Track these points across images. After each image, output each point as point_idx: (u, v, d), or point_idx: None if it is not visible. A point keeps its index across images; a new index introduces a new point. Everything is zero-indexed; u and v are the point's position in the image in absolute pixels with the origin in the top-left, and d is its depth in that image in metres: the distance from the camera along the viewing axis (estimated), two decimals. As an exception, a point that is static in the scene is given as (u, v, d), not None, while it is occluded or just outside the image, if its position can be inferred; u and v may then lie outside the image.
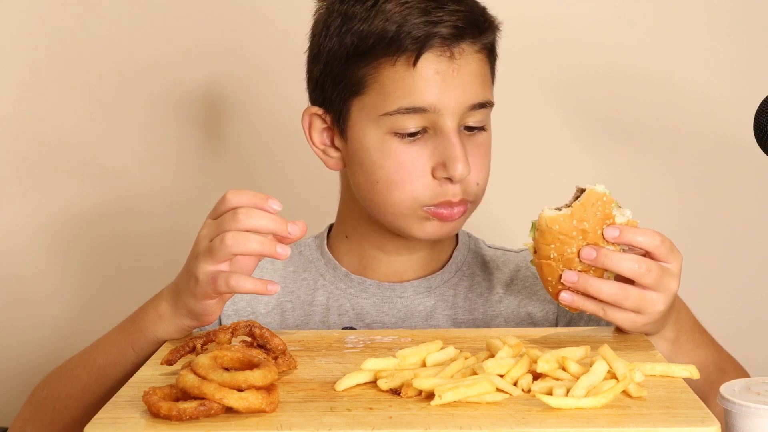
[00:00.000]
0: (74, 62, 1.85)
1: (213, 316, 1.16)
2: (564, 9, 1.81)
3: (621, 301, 1.11)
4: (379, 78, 1.25)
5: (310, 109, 1.33)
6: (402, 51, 1.23)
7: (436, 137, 1.25)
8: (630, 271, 1.10)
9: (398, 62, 1.24)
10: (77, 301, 1.88)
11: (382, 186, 1.27)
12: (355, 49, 1.26)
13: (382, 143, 1.26)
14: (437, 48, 1.24)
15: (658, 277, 1.11)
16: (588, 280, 1.12)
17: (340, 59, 1.27)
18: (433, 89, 1.24)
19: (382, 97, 1.25)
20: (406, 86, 1.24)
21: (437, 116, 1.24)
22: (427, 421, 0.90)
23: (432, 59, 1.24)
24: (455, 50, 1.25)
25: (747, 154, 1.55)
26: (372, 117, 1.26)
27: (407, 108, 1.24)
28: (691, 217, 1.84)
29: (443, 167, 1.24)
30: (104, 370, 1.22)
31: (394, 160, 1.25)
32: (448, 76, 1.24)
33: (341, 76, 1.28)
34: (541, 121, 1.83)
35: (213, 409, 0.91)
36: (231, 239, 1.08)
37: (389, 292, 1.36)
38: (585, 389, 0.94)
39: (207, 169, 1.86)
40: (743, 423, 0.96)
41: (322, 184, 1.80)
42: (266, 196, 1.11)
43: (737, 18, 1.81)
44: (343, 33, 1.27)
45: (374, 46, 1.24)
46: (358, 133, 1.28)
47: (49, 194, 1.87)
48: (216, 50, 1.84)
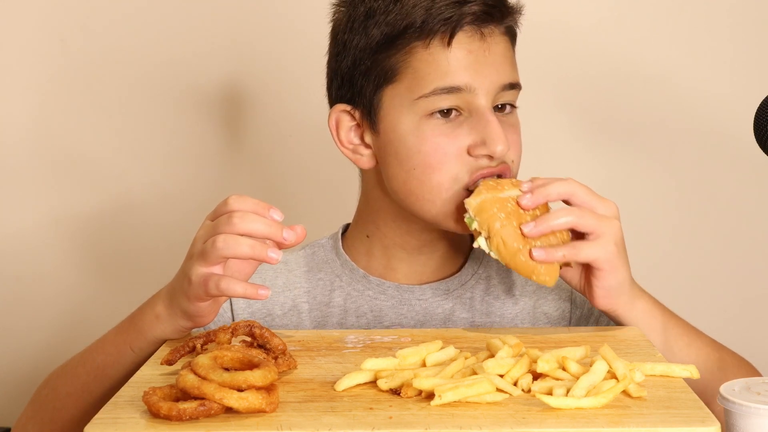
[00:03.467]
0: (84, 63, 1.85)
1: (207, 318, 1.16)
2: (564, 9, 1.81)
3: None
4: (413, 63, 1.26)
5: (338, 107, 1.32)
6: (434, 33, 1.25)
7: (471, 117, 1.26)
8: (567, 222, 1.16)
9: (431, 44, 1.25)
10: (79, 302, 1.88)
11: (419, 172, 1.26)
12: (385, 38, 1.26)
13: (418, 128, 1.26)
14: (468, 28, 1.25)
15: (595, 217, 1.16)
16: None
17: (369, 51, 1.28)
18: (468, 69, 1.25)
19: (417, 81, 1.25)
20: (440, 67, 1.25)
21: (472, 96, 1.25)
22: (427, 421, 0.90)
23: (464, 39, 1.25)
24: (485, 30, 1.26)
25: (747, 154, 1.55)
26: (406, 103, 1.26)
27: (443, 88, 1.25)
28: (691, 217, 1.84)
29: (482, 145, 1.25)
30: (103, 369, 1.22)
31: (431, 143, 1.25)
32: (481, 55, 1.26)
33: (371, 68, 1.28)
34: (541, 121, 1.83)
35: (213, 409, 0.91)
36: (222, 242, 1.08)
37: (408, 294, 1.35)
38: (585, 389, 0.94)
39: (210, 170, 1.86)
40: (743, 423, 0.96)
41: (336, 185, 1.80)
42: (268, 205, 1.11)
43: (737, 18, 1.81)
44: (369, 26, 1.27)
45: (404, 32, 1.25)
46: (391, 122, 1.28)
47: (50, 195, 1.87)
48: (229, 51, 1.84)
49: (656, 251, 1.85)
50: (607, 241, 1.16)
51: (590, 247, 1.16)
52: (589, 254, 1.16)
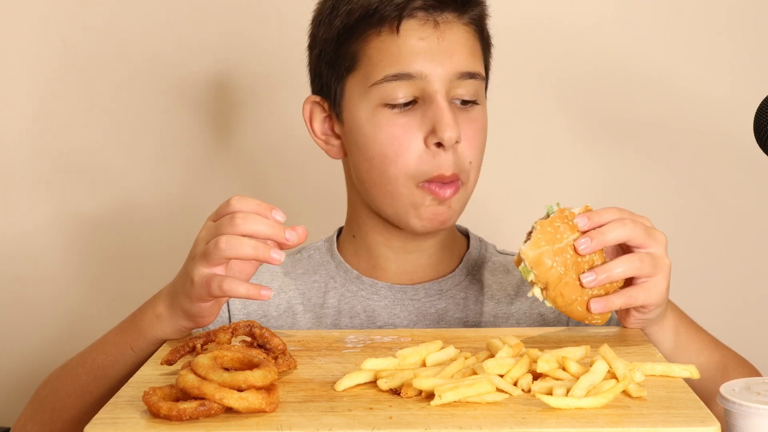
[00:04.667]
0: (84, 63, 1.84)
1: (209, 318, 1.17)
2: (564, 9, 1.81)
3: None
4: (367, 51, 1.28)
5: (309, 98, 1.36)
6: (385, 20, 1.26)
7: (425, 105, 1.26)
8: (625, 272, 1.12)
9: (383, 32, 1.26)
10: (79, 302, 1.88)
11: (378, 162, 1.27)
12: (343, 28, 1.29)
13: (374, 116, 1.27)
14: (421, 16, 1.26)
15: (651, 260, 1.13)
16: (602, 267, 1.13)
17: (332, 41, 1.30)
18: (419, 55, 1.26)
19: (371, 68, 1.27)
20: (392, 54, 1.26)
21: (425, 83, 1.26)
22: (427, 421, 0.90)
23: (415, 26, 1.26)
24: (439, 18, 1.27)
25: (747, 154, 1.55)
26: (363, 91, 1.28)
27: (394, 75, 1.26)
28: (691, 217, 1.84)
29: (433, 133, 1.25)
30: (103, 370, 1.22)
31: (386, 132, 1.26)
32: (433, 43, 1.26)
33: (334, 58, 1.31)
34: (541, 120, 1.83)
35: (213, 409, 0.91)
36: (225, 243, 1.09)
37: (401, 294, 1.35)
38: (585, 389, 0.94)
39: (210, 170, 1.86)
40: (743, 423, 0.96)
41: (333, 185, 1.80)
42: (270, 206, 1.11)
43: (737, 18, 1.81)
44: (333, 18, 1.30)
45: (360, 21, 1.27)
46: (351, 111, 1.30)
47: (50, 195, 1.87)
48: (223, 48, 1.84)
49: (656, 251, 1.85)
50: (661, 284, 1.14)
51: (646, 293, 1.14)
52: (645, 300, 1.14)
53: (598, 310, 1.13)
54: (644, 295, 1.14)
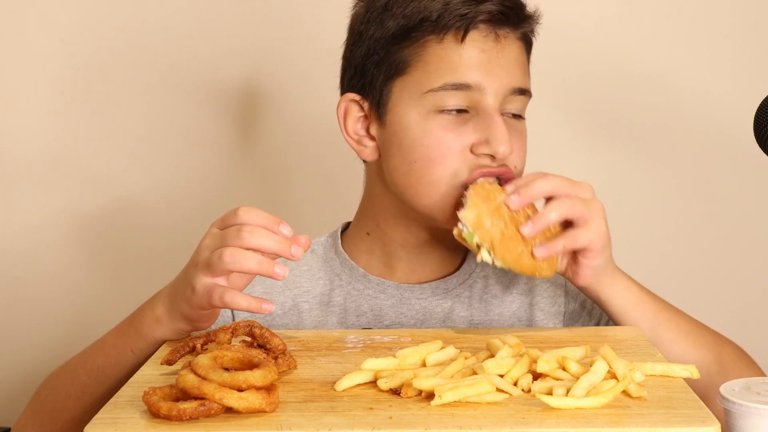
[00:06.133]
0: (84, 63, 1.85)
1: (208, 323, 1.17)
2: (564, 9, 1.81)
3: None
4: (424, 56, 1.26)
5: (348, 96, 1.33)
6: (449, 28, 1.25)
7: (478, 116, 1.26)
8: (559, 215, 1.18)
9: (445, 40, 1.26)
10: (79, 302, 1.88)
11: (420, 165, 1.27)
12: (399, 30, 1.27)
13: (424, 121, 1.27)
14: (483, 28, 1.26)
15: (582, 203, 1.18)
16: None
17: (383, 42, 1.29)
18: (479, 67, 1.26)
19: (427, 74, 1.26)
20: (452, 63, 1.25)
21: (480, 95, 1.26)
22: (427, 421, 0.90)
23: (478, 38, 1.26)
24: (500, 32, 1.27)
25: (747, 154, 1.55)
26: (414, 95, 1.27)
27: (452, 84, 1.25)
28: (691, 216, 1.84)
29: (486, 144, 1.25)
30: (103, 370, 1.22)
31: (435, 137, 1.26)
32: (493, 56, 1.26)
33: (384, 59, 1.29)
34: (541, 120, 1.83)
35: (213, 409, 0.91)
36: (229, 256, 1.09)
37: (408, 294, 1.35)
38: (585, 389, 0.94)
39: (211, 170, 1.86)
40: (743, 423, 0.96)
41: (335, 185, 1.80)
42: (278, 220, 1.11)
43: (737, 18, 1.81)
44: (386, 18, 1.28)
45: (419, 26, 1.26)
46: (398, 114, 1.28)
47: (51, 195, 1.87)
48: (224, 47, 1.84)
49: (656, 251, 1.85)
50: (598, 222, 1.19)
51: (585, 232, 1.18)
52: (586, 239, 1.19)
53: (542, 255, 1.17)
54: (584, 234, 1.18)
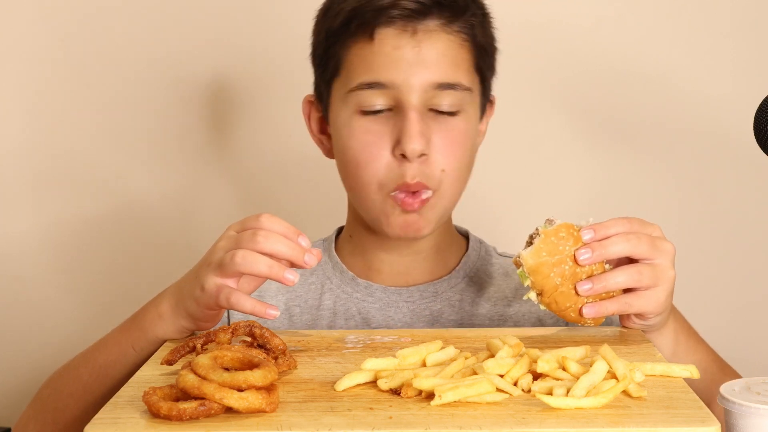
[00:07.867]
0: (83, 64, 1.84)
1: (212, 324, 1.18)
2: (564, 9, 1.81)
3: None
4: (348, 56, 1.28)
5: (307, 97, 1.37)
6: (362, 27, 1.25)
7: (397, 115, 1.25)
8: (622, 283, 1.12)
9: (360, 39, 1.26)
10: (79, 302, 1.88)
11: (353, 167, 1.27)
12: (328, 32, 1.29)
13: (350, 122, 1.27)
14: (398, 24, 1.25)
15: (652, 272, 1.12)
16: (601, 276, 1.12)
17: (321, 44, 1.31)
18: (392, 64, 1.24)
19: (348, 74, 1.27)
20: (366, 62, 1.25)
21: (399, 93, 1.25)
22: (427, 421, 0.90)
23: (391, 34, 1.25)
24: (419, 27, 1.25)
25: (747, 154, 1.55)
26: (341, 96, 1.28)
27: (367, 83, 1.25)
28: (691, 217, 1.84)
29: (398, 143, 1.24)
30: (105, 369, 1.22)
31: (358, 139, 1.26)
32: (409, 52, 1.25)
33: (324, 60, 1.31)
34: (541, 120, 1.83)
35: (213, 409, 0.91)
36: (241, 257, 1.09)
37: (395, 297, 1.35)
38: (585, 389, 0.94)
39: (210, 172, 1.86)
40: (743, 423, 0.96)
41: (332, 187, 1.80)
42: (298, 231, 1.12)
43: (737, 18, 1.81)
44: (325, 22, 1.31)
45: (342, 26, 1.27)
46: (333, 114, 1.31)
47: (50, 195, 1.87)
48: (222, 50, 1.84)
49: (656, 251, 1.84)
50: (660, 294, 1.13)
51: (641, 301, 1.13)
52: (641, 308, 1.14)
53: (590, 315, 1.14)
54: (639, 303, 1.13)
